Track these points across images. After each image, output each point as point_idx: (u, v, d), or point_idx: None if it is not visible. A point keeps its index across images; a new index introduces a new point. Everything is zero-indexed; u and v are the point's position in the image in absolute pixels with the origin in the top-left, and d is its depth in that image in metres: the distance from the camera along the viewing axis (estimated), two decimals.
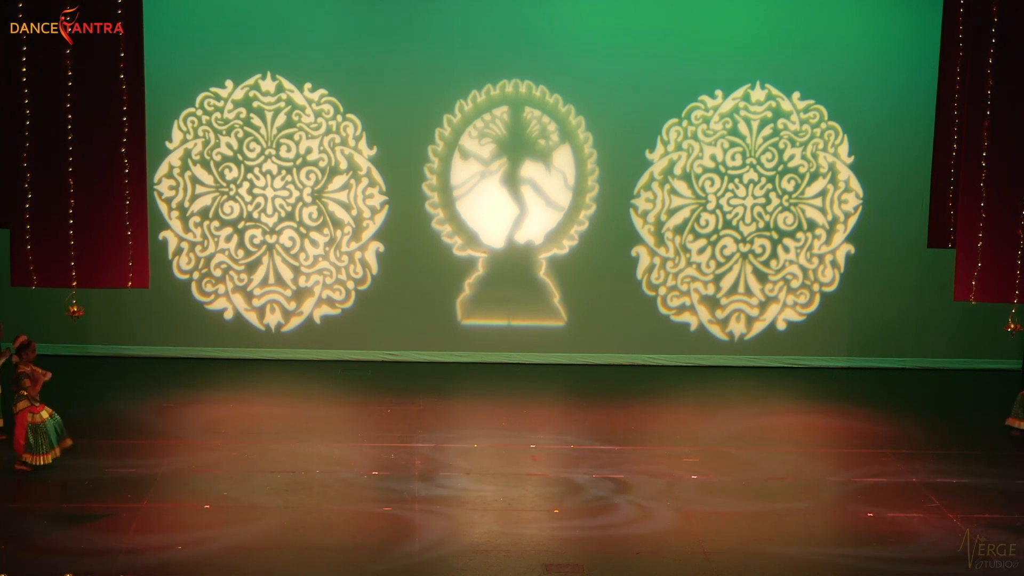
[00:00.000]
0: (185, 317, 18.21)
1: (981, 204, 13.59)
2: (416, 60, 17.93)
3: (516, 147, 18.21)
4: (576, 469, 13.84)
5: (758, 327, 18.64)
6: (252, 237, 18.11)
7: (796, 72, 18.14)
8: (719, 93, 18.16)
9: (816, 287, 18.59)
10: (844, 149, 18.30)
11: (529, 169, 18.27)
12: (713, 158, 18.25)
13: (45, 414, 13.25)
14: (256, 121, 17.90)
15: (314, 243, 18.17)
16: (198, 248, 18.10)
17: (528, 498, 12.96)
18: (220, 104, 17.86)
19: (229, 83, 17.84)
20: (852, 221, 18.46)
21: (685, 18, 18.05)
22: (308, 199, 18.08)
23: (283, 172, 18.00)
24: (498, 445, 14.62)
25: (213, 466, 13.65)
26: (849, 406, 16.67)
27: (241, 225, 18.08)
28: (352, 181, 18.10)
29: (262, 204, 18.04)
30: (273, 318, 18.33)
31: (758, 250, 18.44)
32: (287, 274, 18.22)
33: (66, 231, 13.06)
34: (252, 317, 18.30)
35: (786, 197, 18.34)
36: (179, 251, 18.10)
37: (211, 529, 11.98)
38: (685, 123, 18.19)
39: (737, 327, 18.63)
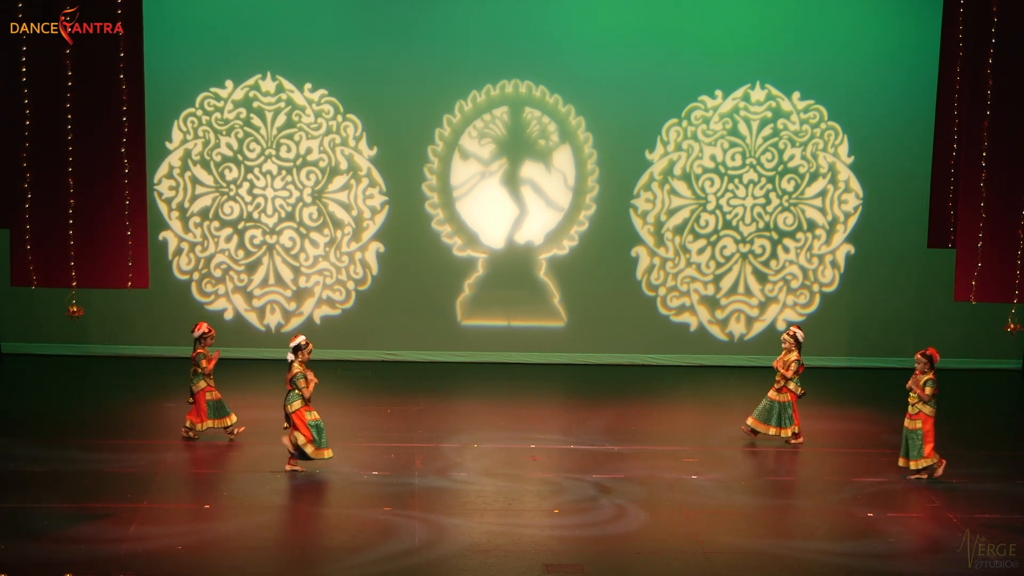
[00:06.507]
0: (185, 317, 18.17)
1: (981, 204, 13.58)
2: (416, 60, 17.94)
3: (516, 147, 18.21)
4: (576, 469, 13.82)
5: (758, 327, 18.64)
6: (252, 237, 18.11)
7: (796, 72, 18.15)
8: (719, 93, 18.16)
9: (816, 287, 18.59)
10: (844, 149, 18.30)
11: (529, 169, 18.27)
12: (713, 158, 18.25)
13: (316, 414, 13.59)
14: (256, 121, 17.90)
15: (314, 243, 18.17)
16: (198, 248, 18.10)
17: (528, 498, 12.95)
18: (220, 104, 17.86)
19: (229, 83, 17.85)
20: (852, 221, 18.46)
21: (685, 18, 18.06)
22: (308, 199, 18.08)
23: (283, 172, 18.00)
24: (498, 445, 14.61)
25: (213, 466, 13.64)
26: (849, 406, 16.66)
27: (241, 225, 18.08)
28: (352, 181, 18.09)
29: (262, 204, 18.04)
30: (273, 318, 18.33)
31: (758, 250, 18.44)
32: (287, 274, 18.22)
33: (66, 231, 13.04)
34: (252, 317, 18.30)
35: (786, 197, 18.34)
36: (179, 251, 18.10)
37: (211, 529, 11.98)
38: (685, 123, 18.20)
39: (737, 327, 18.62)
